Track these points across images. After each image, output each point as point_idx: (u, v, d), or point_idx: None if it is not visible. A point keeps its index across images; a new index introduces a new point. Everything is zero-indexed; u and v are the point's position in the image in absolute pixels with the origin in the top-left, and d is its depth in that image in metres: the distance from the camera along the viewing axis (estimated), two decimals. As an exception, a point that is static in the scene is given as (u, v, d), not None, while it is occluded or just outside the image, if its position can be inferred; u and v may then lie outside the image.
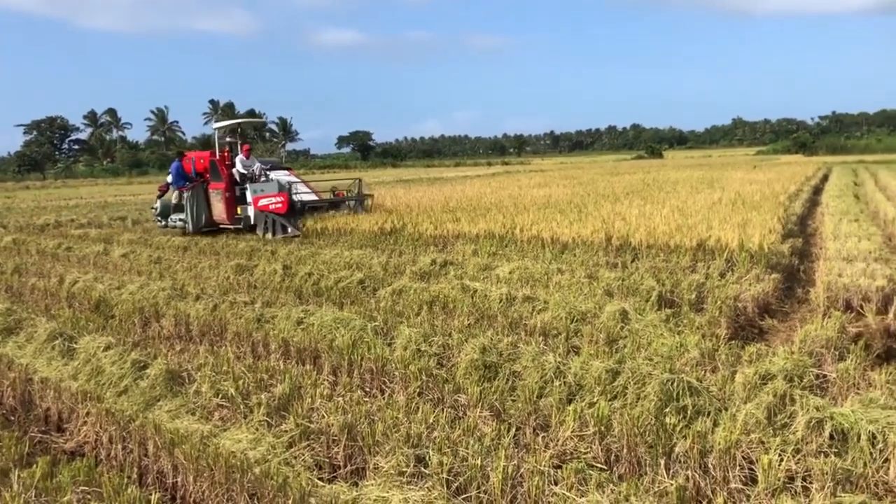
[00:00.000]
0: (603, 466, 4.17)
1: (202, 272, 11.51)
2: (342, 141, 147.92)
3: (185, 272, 11.66)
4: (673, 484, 3.73)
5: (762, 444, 4.06)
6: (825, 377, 5.38)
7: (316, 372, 6.08)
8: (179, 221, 18.14)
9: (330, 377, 6.05)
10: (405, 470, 3.89)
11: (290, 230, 15.87)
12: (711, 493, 3.89)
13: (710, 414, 4.47)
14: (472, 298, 8.05)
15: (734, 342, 6.23)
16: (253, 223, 16.85)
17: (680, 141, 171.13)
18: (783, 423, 4.30)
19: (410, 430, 4.39)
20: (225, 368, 5.91)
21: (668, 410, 4.47)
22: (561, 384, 5.04)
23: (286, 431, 4.48)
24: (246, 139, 22.63)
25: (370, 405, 5.08)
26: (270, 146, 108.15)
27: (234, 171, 17.43)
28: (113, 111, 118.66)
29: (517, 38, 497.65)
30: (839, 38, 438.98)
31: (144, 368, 5.69)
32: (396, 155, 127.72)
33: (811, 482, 3.75)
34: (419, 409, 4.88)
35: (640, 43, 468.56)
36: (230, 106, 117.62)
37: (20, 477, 4.20)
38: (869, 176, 31.32)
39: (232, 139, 18.63)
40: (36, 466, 4.30)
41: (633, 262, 10.42)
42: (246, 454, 4.18)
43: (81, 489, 4.10)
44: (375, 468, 4.05)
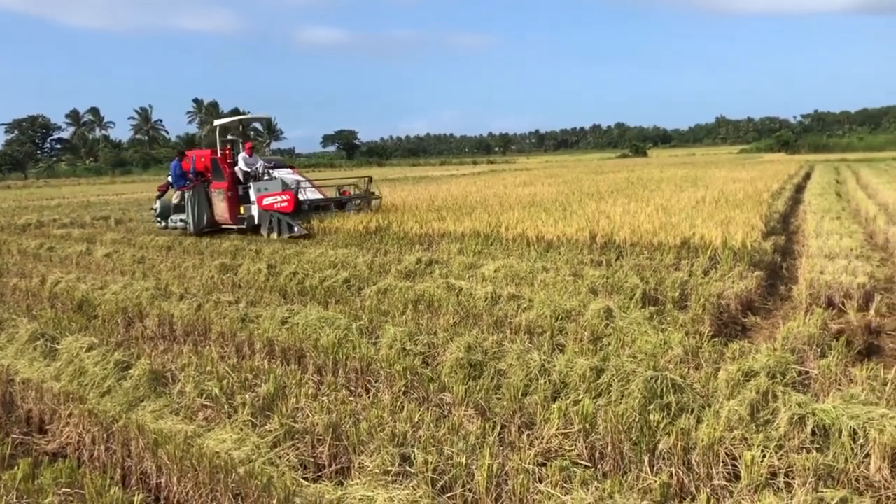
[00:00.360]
0: (587, 464, 4.19)
1: (186, 272, 11.45)
2: (327, 140, 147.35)
3: (168, 272, 11.59)
4: (657, 481, 3.75)
5: (745, 440, 4.09)
6: (807, 374, 5.42)
7: (301, 371, 6.06)
8: (180, 222, 17.68)
9: (315, 377, 6.03)
10: (390, 469, 3.89)
11: (296, 229, 15.36)
12: (695, 489, 3.92)
13: (693, 411, 4.50)
14: (457, 297, 8.05)
15: (717, 339, 6.27)
16: (257, 223, 16.36)
17: (664, 139, 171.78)
18: (766, 419, 4.34)
19: (395, 429, 4.39)
20: (209, 368, 5.87)
21: (651, 408, 4.49)
22: (546, 382, 5.05)
23: (271, 431, 4.46)
24: (248, 136, 22.24)
25: (355, 404, 5.07)
26: (255, 145, 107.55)
27: (236, 169, 16.99)
28: (96, 110, 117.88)
29: (503, 37, 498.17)
30: (822, 37, 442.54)
31: (128, 369, 5.65)
32: (382, 154, 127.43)
33: (793, 478, 3.78)
34: (404, 408, 4.88)
35: (625, 42, 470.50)
36: (214, 105, 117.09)
37: (1, 479, 4.16)
38: (850, 174, 31.63)
39: (234, 137, 18.05)
40: (17, 468, 4.25)
41: (617, 260, 10.46)
42: (230, 454, 4.16)
43: (63, 491, 4.06)
44: (360, 467, 4.05)
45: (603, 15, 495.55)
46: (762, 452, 3.90)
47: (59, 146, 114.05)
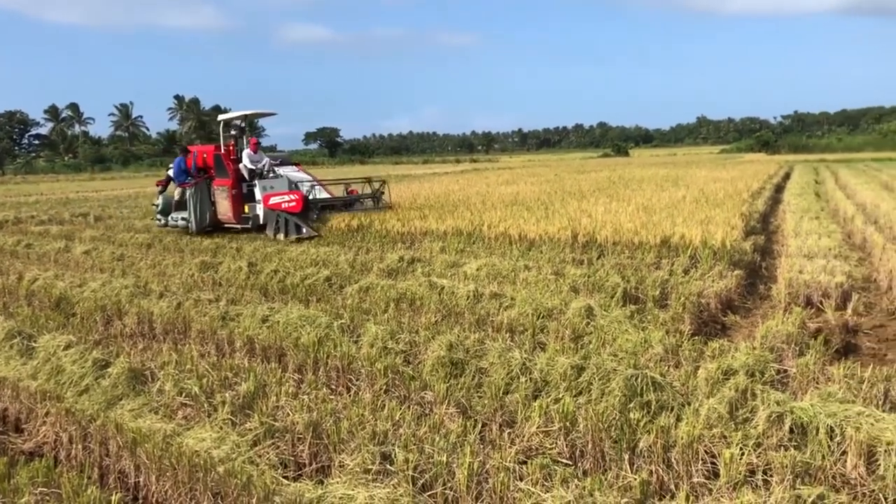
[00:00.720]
0: (568, 462, 4.20)
1: (166, 269, 11.35)
2: (309, 137, 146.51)
3: (148, 269, 11.49)
4: (637, 478, 3.76)
5: (724, 438, 4.12)
6: (786, 372, 5.47)
7: (281, 370, 6.03)
8: (181, 220, 16.67)
9: (295, 375, 6.00)
10: (371, 467, 3.88)
11: (304, 230, 14.59)
12: (674, 486, 3.94)
13: (673, 409, 4.52)
14: (439, 295, 8.05)
15: (697, 338, 6.31)
16: (262, 223, 15.51)
17: (646, 139, 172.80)
18: (745, 417, 4.37)
19: (376, 427, 4.38)
20: (189, 367, 5.83)
21: (632, 406, 4.51)
22: (527, 380, 5.06)
23: (251, 430, 4.43)
24: (253, 132, 21.47)
25: (336, 403, 5.06)
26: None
27: (240, 166, 16.12)
28: (75, 106, 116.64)
29: (486, 36, 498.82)
30: (802, 38, 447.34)
31: (106, 367, 5.60)
32: (364, 152, 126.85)
33: (771, 475, 3.81)
34: (385, 406, 4.86)
35: (607, 42, 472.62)
36: (195, 102, 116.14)
37: (-24, 479, 4.11)
38: (829, 174, 31.94)
39: (237, 132, 17.18)
40: (-8, 468, 4.20)
41: (598, 258, 10.50)
42: (210, 453, 4.13)
43: (40, 490, 4.01)
44: (341, 466, 4.03)
45: (586, 15, 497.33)
46: (741, 450, 3.93)
47: (37, 142, 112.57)
